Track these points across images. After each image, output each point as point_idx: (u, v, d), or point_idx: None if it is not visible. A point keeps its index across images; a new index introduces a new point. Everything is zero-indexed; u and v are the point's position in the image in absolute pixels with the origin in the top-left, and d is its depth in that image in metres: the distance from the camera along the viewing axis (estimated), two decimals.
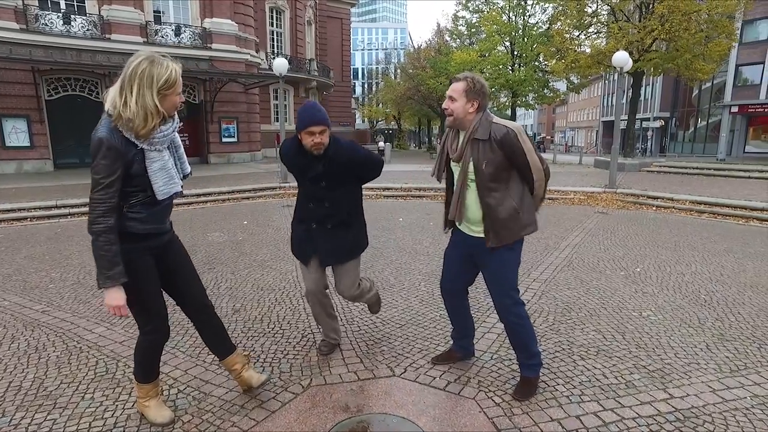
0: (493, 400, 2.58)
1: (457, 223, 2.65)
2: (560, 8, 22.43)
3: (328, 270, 2.94)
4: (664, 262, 5.56)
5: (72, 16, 16.57)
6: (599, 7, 21.18)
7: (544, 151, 40.21)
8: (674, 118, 36.08)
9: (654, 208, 10.03)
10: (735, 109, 27.59)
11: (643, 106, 30.89)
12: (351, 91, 42.41)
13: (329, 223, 2.80)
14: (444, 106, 2.51)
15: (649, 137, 32.42)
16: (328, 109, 35.98)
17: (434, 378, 2.81)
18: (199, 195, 11.02)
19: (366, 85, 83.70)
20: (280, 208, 9.95)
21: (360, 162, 2.79)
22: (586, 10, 20.90)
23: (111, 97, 1.95)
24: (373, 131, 67.31)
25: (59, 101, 17.01)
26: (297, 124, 2.63)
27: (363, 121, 67.64)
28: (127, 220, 2.04)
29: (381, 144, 36.71)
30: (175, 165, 2.17)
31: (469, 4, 27.69)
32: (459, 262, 2.75)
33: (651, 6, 18.33)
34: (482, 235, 2.52)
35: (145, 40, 17.95)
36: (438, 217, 8.24)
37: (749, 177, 14.41)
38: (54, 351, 3.19)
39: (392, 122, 62.47)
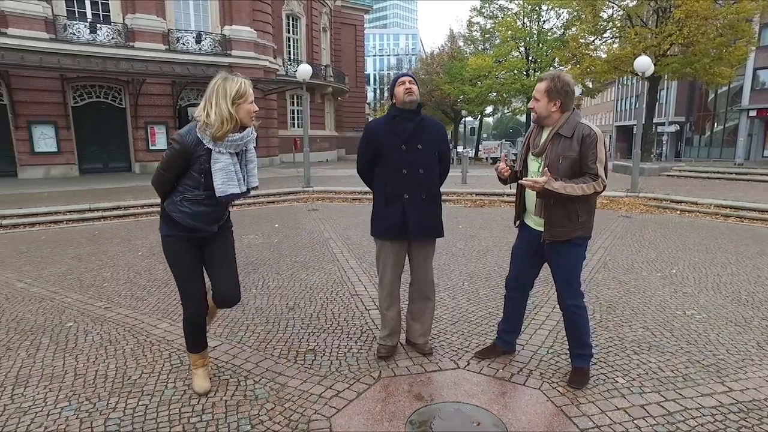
0: (558, 390, 2.69)
1: (525, 219, 2.77)
2: (575, 14, 22.53)
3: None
4: (698, 264, 5.62)
5: (98, 25, 17.00)
6: (614, 12, 21.24)
7: None
8: (690, 123, 35.89)
9: (678, 212, 10.05)
10: (753, 113, 27.41)
11: (658, 110, 30.77)
12: (365, 96, 42.68)
13: (423, 193, 2.88)
14: (530, 105, 2.69)
15: (664, 142, 32.26)
16: (343, 115, 36.36)
17: (497, 370, 2.93)
18: None
19: (378, 91, 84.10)
20: (306, 212, 10.13)
21: (442, 138, 3.05)
22: (601, 15, 20.98)
23: (199, 107, 2.37)
24: None
25: (84, 108, 17.43)
26: (390, 88, 2.96)
27: None
28: (178, 211, 2.41)
29: None
30: (243, 174, 2.46)
31: (484, 10, 27.86)
32: (526, 256, 2.87)
33: (668, 11, 18.35)
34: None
35: (167, 47, 18.35)
36: (464, 221, 8.37)
37: None
38: (127, 344, 3.35)
39: None
